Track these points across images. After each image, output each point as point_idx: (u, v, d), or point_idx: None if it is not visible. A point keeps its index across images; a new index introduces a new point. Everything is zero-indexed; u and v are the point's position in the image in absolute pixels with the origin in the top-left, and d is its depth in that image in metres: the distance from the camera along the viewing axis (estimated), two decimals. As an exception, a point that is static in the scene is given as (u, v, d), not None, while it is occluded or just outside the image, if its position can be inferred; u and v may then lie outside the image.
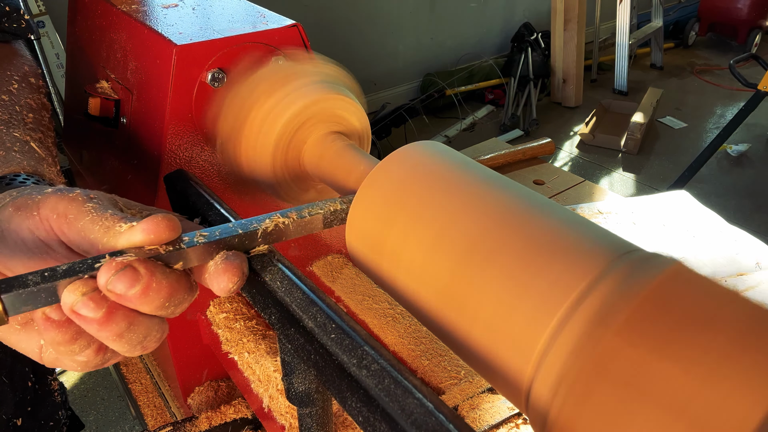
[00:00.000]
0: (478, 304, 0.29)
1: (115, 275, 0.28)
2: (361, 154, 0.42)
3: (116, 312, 0.29)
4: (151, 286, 0.29)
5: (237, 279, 0.32)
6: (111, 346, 0.31)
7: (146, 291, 0.28)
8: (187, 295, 0.32)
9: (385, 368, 0.28)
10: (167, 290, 0.30)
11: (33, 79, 0.51)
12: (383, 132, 2.98)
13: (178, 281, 0.31)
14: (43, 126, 0.46)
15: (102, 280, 0.28)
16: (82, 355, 0.31)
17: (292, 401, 0.40)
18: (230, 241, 0.33)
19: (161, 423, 0.77)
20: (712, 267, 0.67)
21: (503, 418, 0.50)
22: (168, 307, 0.30)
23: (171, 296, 0.30)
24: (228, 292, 0.32)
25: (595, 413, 0.23)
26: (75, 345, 0.30)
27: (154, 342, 0.32)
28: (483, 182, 0.33)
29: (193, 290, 0.32)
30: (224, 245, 0.33)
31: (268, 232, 0.35)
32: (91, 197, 0.33)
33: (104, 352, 0.32)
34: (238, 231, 0.34)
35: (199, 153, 0.55)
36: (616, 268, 0.26)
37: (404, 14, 3.33)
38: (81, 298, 0.28)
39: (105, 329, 0.29)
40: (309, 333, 0.31)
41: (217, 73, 0.52)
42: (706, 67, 4.03)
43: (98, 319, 0.28)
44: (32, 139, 0.43)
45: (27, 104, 0.47)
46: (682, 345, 0.22)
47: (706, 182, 2.75)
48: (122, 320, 0.29)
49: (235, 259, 0.32)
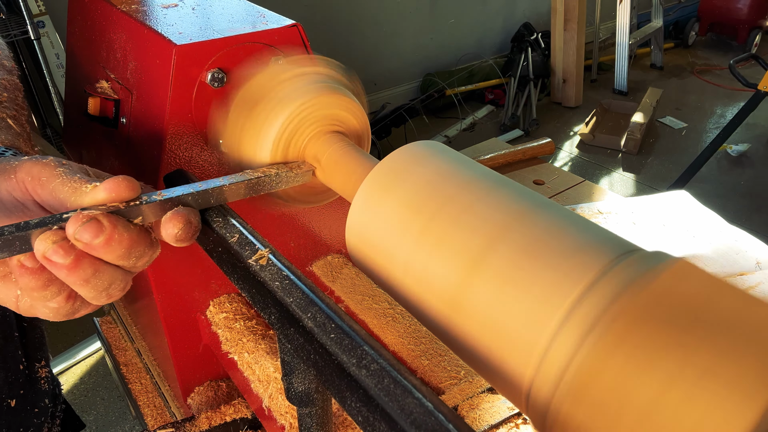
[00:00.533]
0: (478, 303, 0.29)
1: (82, 226, 0.31)
2: (361, 154, 0.42)
3: (83, 259, 0.32)
4: (114, 237, 0.32)
5: (182, 225, 0.35)
6: (79, 291, 0.34)
7: (109, 241, 0.32)
8: (148, 249, 0.35)
9: (385, 368, 0.28)
10: (128, 242, 0.33)
11: (6, 62, 0.53)
12: (383, 132, 2.98)
13: (139, 235, 0.34)
14: (17, 105, 0.48)
15: (70, 230, 0.31)
16: (53, 301, 0.35)
17: (291, 401, 0.40)
18: (184, 199, 0.37)
19: (161, 423, 0.77)
20: (712, 267, 0.67)
21: (503, 418, 0.50)
22: (129, 258, 0.34)
23: (131, 248, 0.34)
24: (175, 238, 0.35)
25: (595, 413, 0.23)
26: (47, 291, 0.34)
27: (118, 291, 0.36)
28: (483, 182, 0.33)
29: (153, 245, 0.36)
30: (179, 203, 0.37)
31: (220, 192, 0.39)
32: (62, 163, 0.36)
33: (74, 300, 0.35)
34: (190, 190, 0.37)
35: (199, 153, 0.55)
36: (616, 267, 0.26)
37: (404, 14, 3.33)
38: (51, 246, 0.31)
39: (73, 274, 0.32)
40: (308, 333, 0.31)
41: (216, 73, 0.52)
42: (706, 67, 4.03)
43: (67, 265, 0.32)
44: (8, 117, 0.45)
45: (1, 84, 0.49)
46: (683, 343, 0.22)
47: (706, 182, 2.75)
48: (88, 267, 0.33)
49: (183, 210, 0.36)
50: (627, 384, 0.23)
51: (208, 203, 0.39)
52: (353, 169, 0.40)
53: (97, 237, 0.32)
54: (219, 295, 0.65)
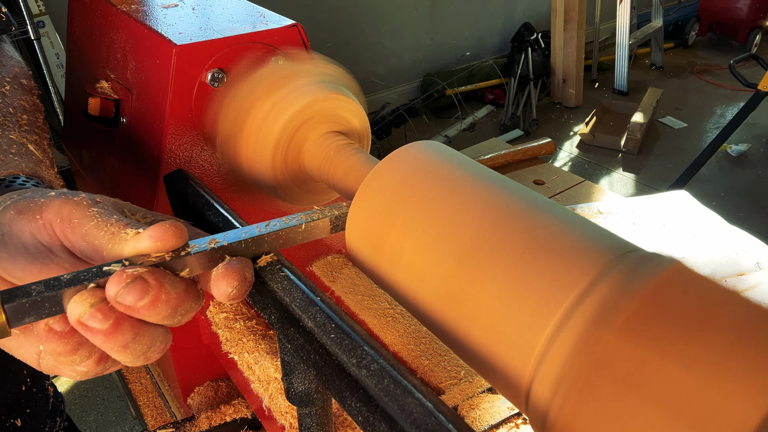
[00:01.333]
0: (478, 303, 0.29)
1: (126, 287, 0.27)
2: (361, 154, 0.42)
3: (123, 323, 0.28)
4: (160, 297, 0.28)
5: (237, 283, 0.31)
6: (115, 357, 0.30)
7: (155, 302, 0.28)
8: (194, 304, 0.31)
9: (385, 368, 0.28)
10: (175, 300, 0.29)
11: (24, 80, 0.51)
12: (383, 132, 2.98)
13: (186, 290, 0.30)
14: (37, 128, 0.46)
15: (112, 292, 0.27)
16: (82, 365, 0.31)
17: (291, 401, 0.40)
18: (236, 247, 0.33)
19: (161, 423, 0.77)
20: (712, 267, 0.67)
21: (503, 418, 0.50)
22: (175, 317, 0.30)
23: (178, 306, 0.30)
24: (228, 297, 0.31)
25: (595, 413, 0.23)
26: (76, 355, 0.30)
27: (157, 352, 0.31)
28: (483, 182, 0.33)
29: (199, 299, 0.32)
30: (229, 251, 0.32)
31: (275, 238, 0.35)
32: (96, 201, 0.32)
33: (105, 362, 0.32)
34: (242, 236, 0.33)
35: (199, 153, 0.55)
36: (616, 267, 0.26)
37: (404, 14, 3.33)
38: (89, 310, 0.27)
39: (111, 340, 0.28)
40: (309, 333, 0.31)
41: (217, 73, 0.52)
42: (706, 67, 4.03)
43: (105, 331, 0.28)
44: (28, 141, 0.42)
45: (20, 106, 0.46)
46: (683, 344, 0.22)
47: (706, 182, 2.75)
48: (129, 331, 0.29)
49: (237, 264, 0.32)
50: (629, 384, 0.23)
51: (262, 250, 0.34)
52: (353, 169, 0.40)
53: (143, 299, 0.28)
54: (219, 295, 0.65)
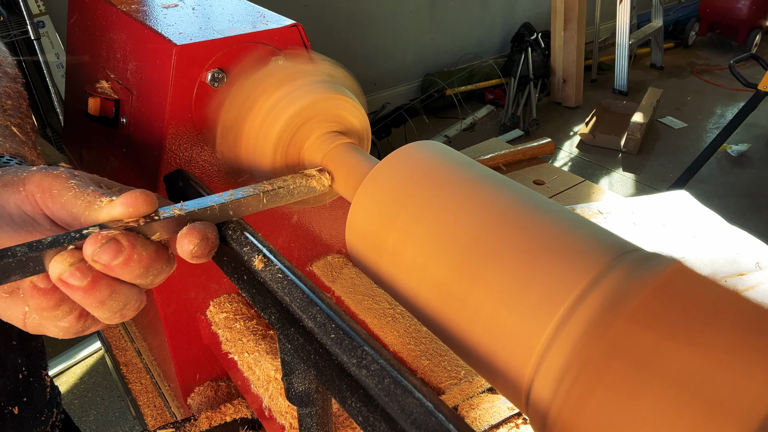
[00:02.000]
0: (478, 303, 0.29)
1: (101, 247, 0.30)
2: (361, 154, 0.42)
3: (100, 281, 0.31)
4: (133, 257, 0.31)
5: (197, 241, 0.34)
6: (93, 313, 0.33)
7: (128, 261, 0.31)
8: (165, 266, 0.34)
9: (385, 368, 0.28)
10: (147, 260, 0.32)
11: (9, 69, 0.52)
12: (383, 132, 2.98)
13: (157, 252, 0.33)
14: (21, 112, 0.48)
15: (88, 252, 0.30)
16: (64, 321, 0.33)
17: (292, 401, 0.40)
18: (201, 214, 0.36)
19: (161, 423, 0.77)
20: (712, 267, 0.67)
21: (503, 418, 0.50)
22: (147, 276, 0.33)
23: (150, 266, 0.32)
24: (190, 254, 0.34)
25: (595, 413, 0.23)
26: (58, 311, 0.32)
27: (132, 310, 0.34)
28: (483, 182, 0.33)
29: (170, 261, 0.35)
30: (197, 217, 0.35)
31: (239, 205, 0.38)
32: (74, 174, 0.35)
33: (85, 319, 0.34)
34: (207, 204, 0.36)
35: (199, 153, 0.55)
36: (616, 267, 0.26)
37: (404, 14, 3.33)
38: (68, 268, 0.30)
39: (89, 296, 0.31)
40: (309, 333, 0.31)
41: (217, 73, 0.52)
42: (706, 67, 4.03)
43: (83, 287, 0.30)
44: (12, 124, 0.44)
45: (4, 92, 0.48)
46: (693, 331, 0.22)
47: (706, 182, 2.75)
48: (105, 288, 0.31)
49: (200, 225, 0.34)
50: (629, 384, 0.23)
51: (227, 217, 0.37)
52: (353, 169, 0.40)
53: (117, 258, 0.30)
54: (219, 295, 0.65)
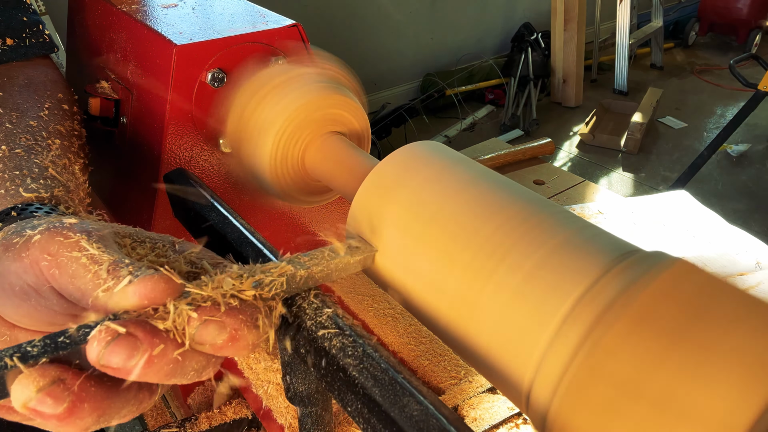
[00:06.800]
0: (480, 303, 0.29)
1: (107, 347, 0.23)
2: (361, 154, 0.42)
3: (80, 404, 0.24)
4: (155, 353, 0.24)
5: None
6: None
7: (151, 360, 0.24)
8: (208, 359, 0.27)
9: (385, 368, 0.28)
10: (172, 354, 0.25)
11: (66, 105, 0.49)
12: (383, 132, 2.98)
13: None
14: (71, 153, 0.44)
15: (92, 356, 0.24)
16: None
17: (292, 401, 0.40)
18: None
19: (161, 423, 0.77)
20: (712, 267, 0.67)
21: (503, 418, 0.50)
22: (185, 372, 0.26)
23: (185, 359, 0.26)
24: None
25: (594, 414, 0.23)
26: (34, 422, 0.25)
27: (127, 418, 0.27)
28: (483, 183, 0.33)
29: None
30: None
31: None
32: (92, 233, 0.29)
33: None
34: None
35: (199, 153, 0.55)
36: (615, 269, 0.26)
37: (404, 14, 3.33)
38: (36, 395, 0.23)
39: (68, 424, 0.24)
40: (309, 333, 0.31)
41: (217, 73, 0.52)
42: (706, 67, 4.03)
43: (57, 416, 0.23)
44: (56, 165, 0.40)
45: (56, 130, 0.44)
46: (682, 346, 0.22)
47: (706, 182, 2.75)
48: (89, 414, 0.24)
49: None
50: (628, 385, 0.22)
51: None
52: (353, 169, 0.40)
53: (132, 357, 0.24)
54: (219, 295, 0.65)
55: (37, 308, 0.28)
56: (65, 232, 0.28)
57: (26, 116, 0.45)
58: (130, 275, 0.26)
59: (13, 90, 0.48)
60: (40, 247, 0.28)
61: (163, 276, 0.26)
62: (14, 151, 0.40)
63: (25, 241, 0.28)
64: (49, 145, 0.43)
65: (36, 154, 0.41)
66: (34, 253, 0.28)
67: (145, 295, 0.25)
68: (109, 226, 0.31)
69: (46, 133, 0.44)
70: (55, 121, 0.46)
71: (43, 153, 0.42)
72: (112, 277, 0.26)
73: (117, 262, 0.27)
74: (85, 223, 0.30)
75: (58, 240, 0.28)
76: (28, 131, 0.43)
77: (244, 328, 0.26)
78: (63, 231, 0.28)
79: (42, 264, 0.27)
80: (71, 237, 0.28)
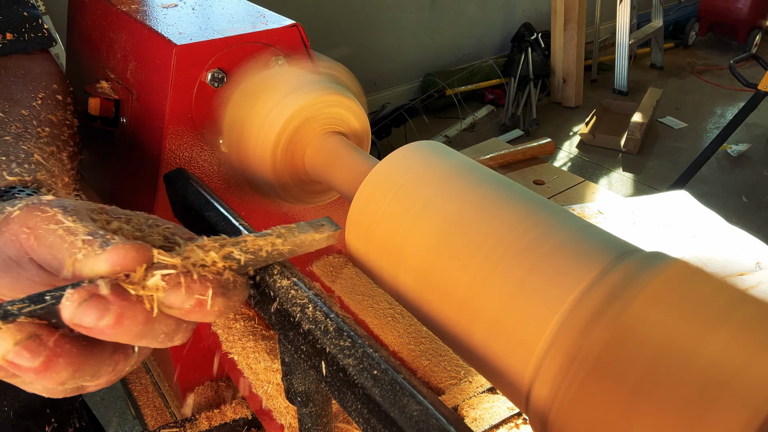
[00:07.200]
0: (479, 303, 0.29)
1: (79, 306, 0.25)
2: (361, 154, 0.42)
3: (56, 359, 0.25)
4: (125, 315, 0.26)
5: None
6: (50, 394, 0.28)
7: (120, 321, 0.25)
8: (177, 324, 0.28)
9: (385, 368, 0.28)
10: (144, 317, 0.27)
11: (60, 96, 0.50)
12: (383, 132, 2.98)
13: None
14: (60, 141, 0.45)
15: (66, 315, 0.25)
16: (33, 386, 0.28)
17: (292, 401, 0.40)
18: None
19: (161, 423, 0.77)
20: (711, 267, 0.67)
21: (503, 418, 0.50)
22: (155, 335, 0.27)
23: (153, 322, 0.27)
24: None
25: (593, 414, 0.23)
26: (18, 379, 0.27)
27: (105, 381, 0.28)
28: (483, 182, 0.33)
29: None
30: None
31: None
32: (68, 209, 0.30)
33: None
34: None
35: (199, 153, 0.55)
36: (615, 268, 0.26)
37: (404, 14, 3.33)
38: (13, 348, 0.24)
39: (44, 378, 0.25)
40: (309, 333, 0.31)
41: (216, 73, 0.52)
42: (706, 67, 4.03)
43: (34, 368, 0.25)
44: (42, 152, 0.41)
45: (47, 119, 0.45)
46: (683, 345, 0.22)
47: (706, 182, 2.75)
48: (63, 368, 0.26)
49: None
50: (627, 385, 0.22)
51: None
52: (353, 169, 0.40)
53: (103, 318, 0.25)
54: (219, 295, 0.65)
55: (18, 279, 0.30)
56: (43, 207, 0.30)
57: (19, 105, 0.46)
58: (104, 244, 0.28)
59: (9, 81, 0.49)
60: (19, 221, 0.29)
61: (134, 245, 0.27)
62: (3, 138, 0.42)
63: (6, 217, 0.30)
64: (38, 133, 0.44)
65: (24, 140, 0.42)
66: (14, 227, 0.29)
67: (117, 262, 0.27)
68: (86, 203, 0.32)
69: (37, 122, 0.45)
70: (47, 111, 0.47)
71: (32, 140, 0.43)
72: (87, 246, 0.28)
73: (92, 233, 0.29)
74: (61, 200, 0.31)
75: (36, 214, 0.29)
76: (19, 119, 0.44)
77: (212, 295, 0.28)
78: (41, 206, 0.30)
79: (21, 237, 0.29)
80: (48, 211, 0.30)
